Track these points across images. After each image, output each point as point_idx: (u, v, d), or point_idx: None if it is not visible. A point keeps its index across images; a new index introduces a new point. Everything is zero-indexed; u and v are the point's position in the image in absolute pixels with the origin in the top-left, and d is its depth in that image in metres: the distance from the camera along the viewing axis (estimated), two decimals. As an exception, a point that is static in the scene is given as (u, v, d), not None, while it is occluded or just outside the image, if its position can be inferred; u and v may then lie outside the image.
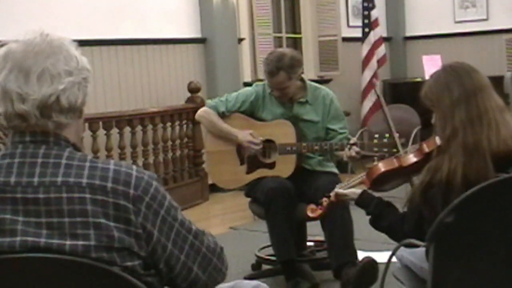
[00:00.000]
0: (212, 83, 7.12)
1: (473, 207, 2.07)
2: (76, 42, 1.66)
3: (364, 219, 2.78)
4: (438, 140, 2.48)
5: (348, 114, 7.31)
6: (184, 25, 7.07)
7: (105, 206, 1.55)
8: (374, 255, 3.75)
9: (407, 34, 9.99)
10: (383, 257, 3.51)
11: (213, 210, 6.54)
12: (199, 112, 4.19)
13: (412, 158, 2.70)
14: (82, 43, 1.71)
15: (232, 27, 7.32)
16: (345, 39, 8.78)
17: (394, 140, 3.46)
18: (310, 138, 3.99)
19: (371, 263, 3.61)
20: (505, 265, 2.19)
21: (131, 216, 1.56)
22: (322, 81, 8.14)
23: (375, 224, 2.68)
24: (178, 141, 6.63)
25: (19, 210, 1.54)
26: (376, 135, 3.57)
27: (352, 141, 3.75)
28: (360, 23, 8.72)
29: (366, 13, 8.62)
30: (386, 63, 9.05)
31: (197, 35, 7.18)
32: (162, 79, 6.84)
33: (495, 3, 9.24)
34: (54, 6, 5.87)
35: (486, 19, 9.32)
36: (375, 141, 3.57)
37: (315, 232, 4.22)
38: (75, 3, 6.07)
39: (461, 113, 2.35)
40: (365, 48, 8.59)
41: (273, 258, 4.07)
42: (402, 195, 3.43)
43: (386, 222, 2.63)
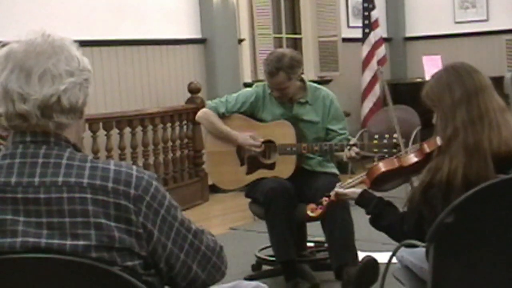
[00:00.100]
0: (212, 83, 7.12)
1: (473, 207, 2.07)
2: (76, 42, 1.67)
3: (364, 220, 2.78)
4: (438, 140, 2.48)
5: (348, 114, 7.31)
6: (184, 26, 7.07)
7: (106, 206, 1.55)
8: (374, 255, 3.74)
9: (407, 35, 9.99)
10: (383, 257, 3.51)
11: (213, 211, 6.53)
12: (199, 113, 4.19)
13: (413, 158, 2.70)
14: (82, 43, 1.71)
15: (232, 27, 7.32)
16: (345, 40, 8.78)
17: (396, 142, 3.45)
18: (310, 139, 3.99)
19: (371, 262, 3.61)
20: (505, 266, 2.19)
21: (132, 216, 1.56)
22: (322, 81, 8.14)
23: (375, 223, 2.68)
24: (178, 142, 6.63)
25: (20, 210, 1.55)
26: (376, 136, 3.57)
27: (352, 141, 3.75)
28: (360, 24, 8.72)
29: (366, 13, 8.62)
30: (386, 64, 9.06)
31: (197, 35, 7.18)
32: (162, 79, 6.84)
33: (495, 4, 9.25)
34: (54, 7, 5.87)
35: (486, 20, 9.32)
36: (375, 142, 3.57)
37: (315, 233, 4.22)
38: (76, 3, 6.08)
39: (462, 113, 2.35)
40: (365, 49, 8.59)
41: (273, 258, 4.06)
42: (402, 195, 3.43)
43: (386, 221, 2.63)
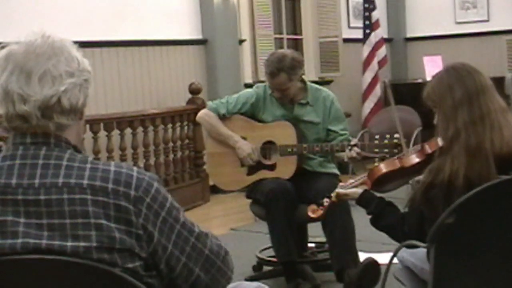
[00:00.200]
0: (213, 84, 7.12)
1: (474, 208, 2.06)
2: (77, 43, 1.67)
3: (365, 220, 2.77)
4: (440, 141, 2.48)
5: (349, 115, 7.31)
6: (185, 26, 7.07)
7: (106, 207, 1.55)
8: (375, 256, 3.74)
9: (408, 35, 9.99)
10: (384, 258, 3.51)
11: (214, 211, 6.53)
12: (199, 114, 4.19)
13: (414, 159, 2.70)
14: (83, 44, 1.71)
15: (233, 28, 7.32)
16: (346, 40, 8.79)
17: (397, 143, 3.44)
18: (310, 140, 3.98)
19: (372, 264, 3.60)
20: (506, 266, 2.19)
21: (132, 217, 1.56)
22: (323, 82, 8.14)
23: (376, 223, 2.68)
24: (179, 143, 6.62)
25: (21, 212, 1.55)
26: (377, 136, 3.57)
27: (353, 142, 3.74)
28: (361, 24, 8.73)
29: (367, 14, 8.63)
30: (387, 64, 9.06)
31: (198, 36, 7.18)
32: (163, 80, 6.84)
33: (496, 4, 9.25)
34: (55, 8, 5.87)
35: (487, 20, 9.32)
36: (376, 142, 3.56)
37: (316, 233, 4.21)
38: (76, 4, 6.08)
39: (464, 114, 2.35)
40: (366, 49, 8.60)
41: (274, 259, 4.06)
42: (403, 196, 3.43)
43: (386, 221, 2.62)
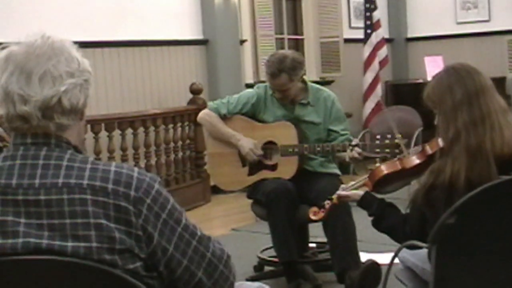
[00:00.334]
0: (214, 84, 7.12)
1: (475, 208, 2.06)
2: (78, 43, 1.67)
3: (366, 221, 2.77)
4: (440, 142, 2.47)
5: (350, 115, 7.31)
6: (186, 27, 7.07)
7: (106, 208, 1.54)
8: (376, 256, 3.74)
9: (409, 35, 10.00)
10: (385, 258, 3.51)
11: (215, 212, 6.53)
12: (200, 115, 4.18)
13: (415, 160, 2.69)
14: (84, 44, 1.71)
15: (234, 28, 7.32)
16: (347, 41, 8.79)
17: (397, 143, 3.43)
18: (311, 140, 3.98)
19: (374, 265, 3.60)
20: (507, 266, 2.18)
21: (132, 218, 1.56)
22: (324, 82, 8.14)
23: (377, 225, 2.68)
24: (180, 143, 6.62)
25: (21, 212, 1.55)
26: (378, 136, 3.56)
27: (354, 142, 3.74)
28: (362, 25, 8.73)
29: (368, 14, 8.63)
30: (388, 64, 9.06)
31: (199, 36, 7.18)
32: (164, 80, 6.84)
33: (497, 4, 9.24)
34: (55, 8, 5.88)
35: (488, 20, 9.32)
36: (377, 142, 3.56)
37: (317, 234, 4.21)
38: (77, 4, 6.08)
39: (464, 115, 2.34)
40: (367, 50, 8.60)
41: (275, 259, 4.06)
42: (404, 196, 3.43)
43: (388, 223, 2.62)
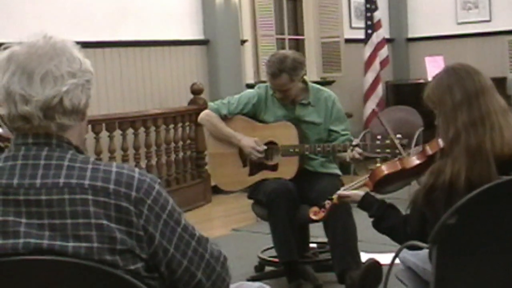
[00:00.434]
0: (215, 84, 7.13)
1: (475, 208, 2.06)
2: (79, 44, 1.67)
3: (367, 221, 2.77)
4: (441, 142, 2.47)
5: (350, 115, 7.31)
6: (186, 27, 7.07)
7: (107, 208, 1.54)
8: (377, 256, 3.74)
9: (410, 36, 10.00)
10: (386, 258, 3.51)
11: (216, 212, 6.53)
12: (201, 115, 4.18)
13: (415, 161, 2.69)
14: (85, 45, 1.71)
15: (234, 28, 7.32)
16: (348, 41, 8.79)
17: (399, 137, 3.43)
18: (312, 140, 3.98)
19: (375, 264, 3.60)
20: (508, 266, 2.18)
21: (133, 218, 1.56)
22: (325, 82, 8.14)
23: (378, 226, 2.67)
24: (180, 143, 6.62)
25: (22, 212, 1.55)
26: (379, 137, 3.56)
27: (355, 142, 3.74)
28: (362, 25, 8.73)
29: (368, 14, 8.63)
30: (389, 65, 9.06)
31: (200, 36, 7.19)
32: (164, 80, 6.84)
33: (497, 4, 9.24)
34: (56, 8, 5.88)
35: (489, 21, 9.32)
36: (377, 143, 3.56)
37: (317, 234, 4.21)
38: (78, 5, 6.08)
39: (463, 116, 2.34)
40: (367, 50, 8.60)
41: (275, 259, 4.06)
42: (405, 197, 3.43)
43: (388, 224, 2.62)
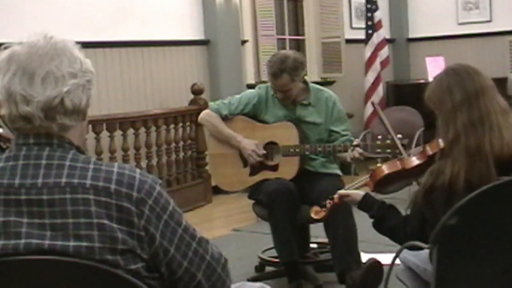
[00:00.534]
0: (216, 85, 7.13)
1: (476, 209, 2.06)
2: (80, 44, 1.67)
3: (368, 221, 2.77)
4: (441, 142, 2.47)
5: (351, 116, 7.30)
6: (187, 27, 7.07)
7: (109, 208, 1.55)
8: (377, 257, 3.74)
9: (410, 36, 9.99)
10: (386, 259, 3.51)
11: (216, 212, 6.53)
12: (201, 115, 4.19)
13: (416, 161, 2.70)
14: (86, 45, 1.71)
15: (235, 29, 7.32)
16: (348, 41, 8.79)
17: (400, 137, 3.44)
18: (313, 140, 3.99)
19: (375, 265, 3.60)
20: (508, 267, 2.18)
21: (134, 219, 1.56)
22: (325, 82, 8.14)
23: (378, 227, 2.68)
24: (181, 143, 6.63)
25: (23, 212, 1.55)
26: (379, 137, 3.57)
27: (356, 142, 3.74)
28: (363, 25, 8.73)
29: (369, 15, 8.62)
30: (389, 65, 9.06)
31: (201, 37, 7.18)
32: (165, 81, 6.84)
33: (498, 5, 9.24)
34: (56, 8, 5.88)
35: (490, 21, 9.31)
36: (378, 143, 3.57)
37: (318, 234, 4.21)
38: (79, 5, 6.08)
39: (463, 117, 2.34)
40: (368, 50, 8.60)
41: (276, 260, 4.06)
42: (405, 197, 3.43)
43: (389, 224, 2.62)
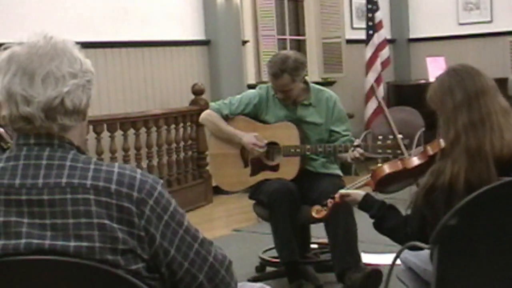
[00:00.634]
0: (216, 85, 7.13)
1: (476, 209, 2.06)
2: (80, 44, 1.67)
3: (368, 221, 2.77)
4: (441, 142, 2.48)
5: (351, 116, 7.30)
6: (188, 27, 7.07)
7: (109, 208, 1.55)
8: (377, 257, 3.74)
9: (411, 36, 9.99)
10: (386, 259, 3.51)
11: (217, 212, 6.53)
12: (202, 115, 4.19)
13: (416, 161, 2.70)
14: (86, 45, 1.71)
15: (236, 29, 7.32)
16: (349, 41, 8.79)
17: (398, 144, 3.45)
18: (313, 140, 3.99)
19: (376, 272, 3.60)
20: (508, 267, 2.18)
21: (134, 219, 1.56)
22: (326, 83, 8.14)
23: (379, 227, 2.68)
24: (182, 143, 6.63)
25: (24, 212, 1.55)
26: (380, 137, 3.57)
27: (356, 142, 3.75)
28: (364, 25, 8.72)
29: (370, 15, 8.62)
30: (390, 65, 9.06)
31: (201, 37, 7.18)
32: (166, 81, 6.84)
33: (499, 5, 9.24)
34: (57, 9, 5.88)
35: (490, 21, 9.31)
36: (378, 143, 3.57)
37: (318, 234, 4.21)
38: (79, 5, 6.08)
39: (464, 117, 2.34)
40: (369, 50, 8.59)
41: (277, 260, 4.06)
42: (406, 197, 3.42)
43: (389, 224, 2.62)
